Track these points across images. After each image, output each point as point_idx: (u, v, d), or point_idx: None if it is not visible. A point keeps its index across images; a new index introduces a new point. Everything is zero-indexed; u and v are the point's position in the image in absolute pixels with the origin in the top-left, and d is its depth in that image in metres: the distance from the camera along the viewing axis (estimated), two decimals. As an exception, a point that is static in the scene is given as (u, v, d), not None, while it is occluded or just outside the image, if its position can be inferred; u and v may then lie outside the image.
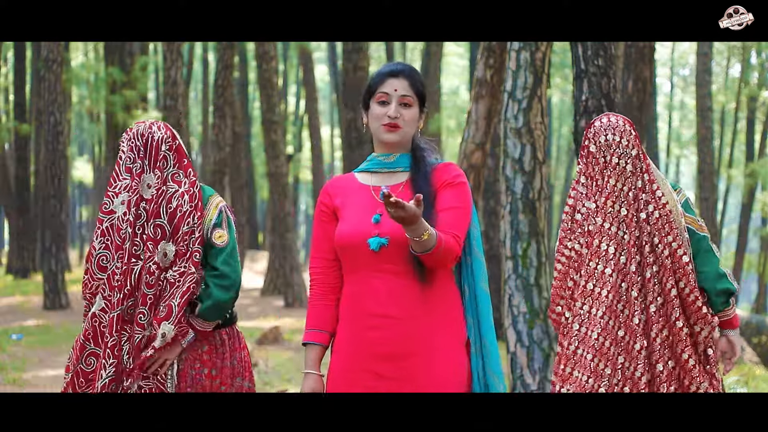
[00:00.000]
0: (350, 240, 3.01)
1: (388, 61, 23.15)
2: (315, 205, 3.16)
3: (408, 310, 2.97)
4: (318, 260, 3.13)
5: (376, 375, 2.97)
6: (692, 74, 33.66)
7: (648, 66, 11.23)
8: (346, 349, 3.03)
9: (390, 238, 2.96)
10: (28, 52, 21.77)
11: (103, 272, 3.32)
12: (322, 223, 3.13)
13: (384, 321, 2.97)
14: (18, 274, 21.31)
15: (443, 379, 2.98)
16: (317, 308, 3.11)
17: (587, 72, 5.67)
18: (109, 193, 3.37)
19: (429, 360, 2.97)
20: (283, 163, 16.61)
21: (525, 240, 6.50)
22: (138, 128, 3.43)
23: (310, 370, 3.07)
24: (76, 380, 3.31)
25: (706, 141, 21.98)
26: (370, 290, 2.99)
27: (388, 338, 2.96)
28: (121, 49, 18.34)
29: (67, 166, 16.08)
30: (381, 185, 3.08)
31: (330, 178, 3.19)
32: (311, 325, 3.08)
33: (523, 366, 6.39)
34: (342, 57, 14.62)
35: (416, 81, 3.07)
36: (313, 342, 3.08)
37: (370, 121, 3.09)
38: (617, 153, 3.36)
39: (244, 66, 26.17)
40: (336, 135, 34.53)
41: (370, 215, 3.03)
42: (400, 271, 2.98)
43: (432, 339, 2.98)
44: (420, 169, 3.07)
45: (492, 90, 8.91)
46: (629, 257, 3.32)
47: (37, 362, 9.32)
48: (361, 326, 3.00)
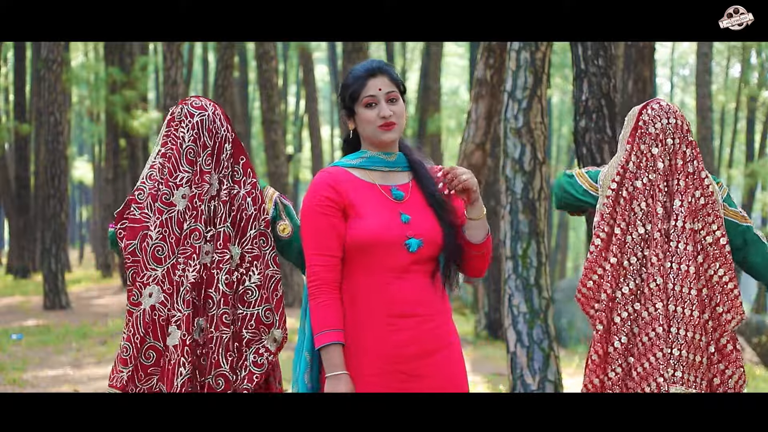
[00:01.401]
0: (381, 240, 2.95)
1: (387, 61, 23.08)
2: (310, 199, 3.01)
3: (432, 307, 3.02)
4: (322, 257, 2.98)
5: (408, 375, 2.96)
6: (692, 74, 33.68)
7: (648, 66, 11.24)
8: (371, 351, 2.95)
9: (424, 238, 2.99)
10: (28, 52, 21.79)
11: (159, 264, 3.19)
12: (329, 218, 2.97)
13: (413, 321, 2.97)
14: (18, 274, 21.33)
15: (460, 374, 3.07)
16: (329, 308, 2.96)
17: (587, 72, 5.67)
18: (169, 183, 3.23)
19: (450, 354, 3.04)
20: (283, 163, 16.61)
21: (525, 240, 6.49)
22: (202, 118, 3.26)
23: (341, 371, 2.92)
24: (136, 374, 3.19)
25: (706, 141, 21.98)
26: (392, 290, 2.96)
27: (417, 337, 2.97)
28: (121, 49, 18.34)
29: (67, 166, 16.07)
30: (389, 184, 3.06)
31: (320, 172, 3.07)
32: (331, 325, 2.94)
33: (523, 366, 6.39)
34: (342, 57, 14.63)
35: (393, 73, 3.07)
36: (337, 342, 2.93)
37: (361, 125, 3.04)
38: (675, 135, 3.39)
39: (244, 66, 26.17)
40: (336, 135, 34.54)
41: (393, 215, 3.00)
42: (425, 270, 3.02)
43: (449, 334, 3.06)
44: (421, 171, 3.10)
45: (492, 90, 8.92)
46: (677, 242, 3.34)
47: (37, 362, 9.31)
48: (386, 328, 2.95)
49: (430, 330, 2.99)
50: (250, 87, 29.00)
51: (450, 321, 3.09)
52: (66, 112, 16.08)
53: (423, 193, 3.06)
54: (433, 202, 3.05)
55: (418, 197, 3.06)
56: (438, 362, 3.00)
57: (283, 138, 17.73)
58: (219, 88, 16.21)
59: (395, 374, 2.95)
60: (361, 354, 2.96)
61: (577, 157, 5.80)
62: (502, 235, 6.63)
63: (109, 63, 18.64)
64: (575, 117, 5.84)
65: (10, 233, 22.87)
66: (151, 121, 18.96)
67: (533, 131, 6.55)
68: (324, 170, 3.08)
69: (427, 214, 3.04)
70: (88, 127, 30.17)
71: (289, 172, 18.18)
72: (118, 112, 17.93)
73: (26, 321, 13.37)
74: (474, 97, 9.43)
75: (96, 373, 8.65)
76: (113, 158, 19.85)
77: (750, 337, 12.82)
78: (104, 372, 8.53)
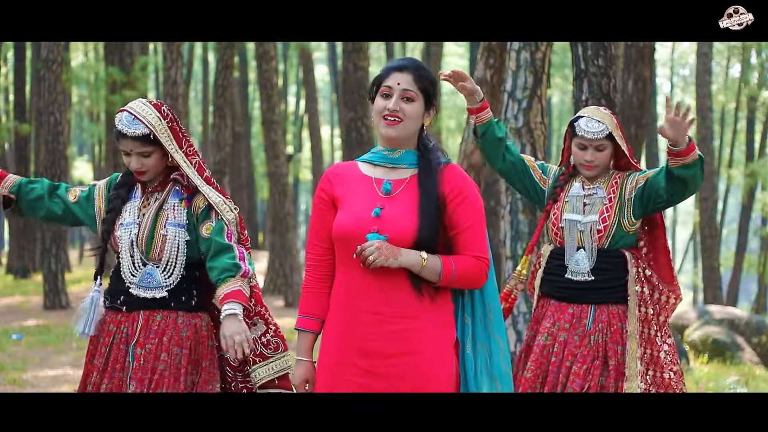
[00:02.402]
0: (348, 232, 2.98)
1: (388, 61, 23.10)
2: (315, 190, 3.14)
3: (399, 309, 2.96)
4: (314, 247, 3.09)
5: (364, 371, 2.96)
6: (692, 74, 33.64)
7: (648, 66, 11.23)
8: (336, 342, 3.01)
9: (389, 234, 2.95)
10: (28, 52, 21.77)
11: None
12: (321, 211, 3.09)
13: (374, 317, 2.96)
14: (18, 274, 21.30)
15: (432, 379, 2.96)
16: (311, 295, 3.09)
17: (587, 72, 5.68)
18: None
19: (418, 360, 2.95)
20: (283, 163, 16.60)
21: (525, 240, 6.49)
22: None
23: (302, 357, 3.09)
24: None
25: (706, 141, 21.98)
26: (363, 285, 2.97)
27: (377, 335, 2.95)
28: (121, 49, 18.32)
29: (67, 166, 16.06)
30: (384, 178, 3.05)
31: (332, 165, 3.18)
32: (304, 311, 3.09)
33: (523, 366, 6.39)
34: (342, 57, 14.63)
35: (422, 77, 3.03)
36: (305, 329, 3.09)
37: (373, 113, 3.06)
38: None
39: (244, 66, 26.17)
40: (336, 135, 34.52)
41: (371, 208, 2.99)
42: (394, 269, 2.95)
43: (421, 339, 2.96)
44: (427, 169, 3.04)
45: (492, 90, 8.91)
46: None
47: (37, 362, 9.31)
48: (351, 320, 2.99)
49: (392, 331, 2.95)
50: (250, 87, 28.99)
51: (431, 328, 2.98)
52: (66, 112, 16.08)
53: (419, 192, 3.01)
54: (422, 199, 2.99)
55: (409, 193, 3.02)
56: (401, 365, 2.94)
57: (283, 138, 17.73)
58: (219, 88, 16.21)
59: (353, 367, 2.97)
60: (328, 342, 3.04)
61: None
62: (502, 235, 6.63)
63: (109, 63, 18.63)
64: (575, 117, 5.83)
65: (10, 233, 22.85)
66: (151, 121, 18.93)
67: (533, 131, 6.55)
68: (335, 164, 3.19)
69: (408, 212, 2.98)
70: (88, 127, 30.14)
71: (289, 172, 18.17)
72: (118, 112, 17.92)
73: (26, 321, 13.36)
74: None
75: (96, 373, 8.64)
76: (113, 158, 19.81)
77: (750, 337, 12.81)
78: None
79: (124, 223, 3.43)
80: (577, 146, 4.07)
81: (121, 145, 3.39)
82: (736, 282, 23.66)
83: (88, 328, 3.44)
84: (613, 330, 3.95)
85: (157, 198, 3.46)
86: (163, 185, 3.47)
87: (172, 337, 3.38)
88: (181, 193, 3.45)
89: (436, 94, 3.09)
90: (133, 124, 3.36)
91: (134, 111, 3.38)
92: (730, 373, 9.62)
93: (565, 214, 4.06)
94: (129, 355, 3.39)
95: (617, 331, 3.95)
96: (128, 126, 3.36)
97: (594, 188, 4.06)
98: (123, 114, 3.39)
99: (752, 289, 30.49)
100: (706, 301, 21.60)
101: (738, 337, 12.19)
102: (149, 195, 3.47)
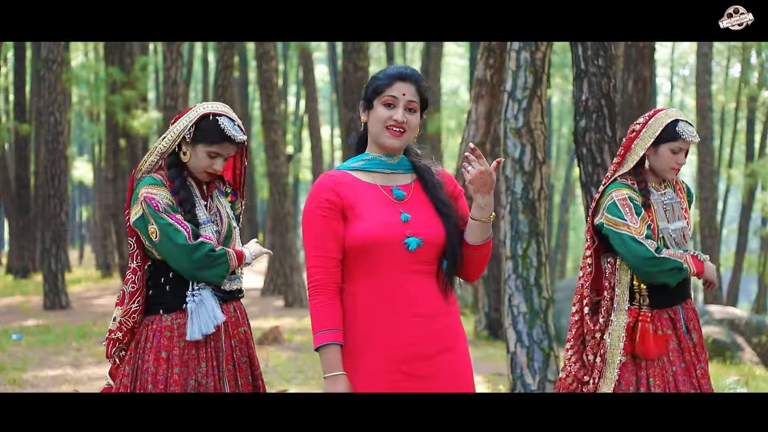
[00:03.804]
0: (379, 238, 2.95)
1: (387, 61, 23.14)
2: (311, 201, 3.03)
3: (436, 308, 3.01)
4: (321, 259, 2.98)
5: (407, 375, 2.95)
6: (692, 74, 33.66)
7: (648, 66, 11.24)
8: (371, 352, 2.95)
9: (424, 237, 2.99)
10: (28, 52, 21.79)
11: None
12: (328, 220, 2.98)
13: (416, 320, 2.97)
14: (18, 274, 21.32)
15: (466, 375, 3.04)
16: (330, 308, 2.96)
17: (587, 72, 5.68)
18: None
19: (455, 356, 3.02)
20: (283, 163, 16.60)
21: (525, 240, 6.49)
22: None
23: (338, 372, 2.93)
24: None
25: (706, 141, 21.99)
26: (399, 290, 2.97)
27: (420, 337, 2.97)
28: (121, 49, 18.34)
29: (67, 166, 16.07)
30: (390, 184, 3.07)
31: (322, 176, 3.09)
32: (329, 326, 2.94)
33: (523, 366, 6.39)
34: (342, 57, 14.62)
35: (422, 87, 3.06)
36: (335, 342, 2.93)
37: (372, 121, 3.04)
38: None
39: (244, 66, 26.17)
40: (336, 135, 34.54)
41: (393, 214, 3.00)
42: (428, 271, 3.02)
43: (455, 335, 3.04)
44: (429, 175, 3.10)
45: (492, 90, 8.92)
46: None
47: (37, 362, 9.31)
48: (389, 327, 2.95)
49: (432, 331, 2.98)
50: (250, 87, 29.00)
51: (456, 323, 3.07)
52: (66, 112, 16.08)
53: (427, 195, 3.06)
54: (438, 204, 3.04)
55: (420, 198, 3.06)
56: (440, 363, 2.98)
57: (283, 138, 17.73)
58: (219, 88, 16.20)
59: (396, 374, 2.94)
60: (362, 354, 2.95)
61: (577, 157, 5.80)
62: (502, 235, 6.63)
63: (109, 63, 18.64)
64: (575, 117, 5.84)
65: (10, 233, 22.87)
66: (151, 121, 18.97)
67: (533, 131, 6.55)
68: (325, 173, 3.09)
69: (429, 214, 3.03)
70: (88, 127, 30.17)
71: (289, 172, 18.17)
72: (118, 112, 17.93)
73: (26, 321, 13.37)
74: (474, 97, 9.43)
75: (96, 373, 8.64)
76: (113, 158, 19.85)
77: (750, 337, 12.81)
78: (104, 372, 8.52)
79: (201, 222, 3.44)
80: (674, 150, 3.92)
81: (217, 148, 3.39)
82: (736, 282, 23.68)
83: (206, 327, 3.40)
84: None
85: (216, 196, 3.53)
86: (214, 184, 3.56)
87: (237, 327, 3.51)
88: (222, 190, 3.57)
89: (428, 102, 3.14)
90: (239, 130, 3.42)
91: (233, 117, 3.45)
92: (730, 373, 9.61)
93: (659, 222, 3.91)
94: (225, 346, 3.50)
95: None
96: (236, 132, 3.40)
97: (663, 192, 3.96)
98: (223, 119, 3.40)
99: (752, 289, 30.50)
100: (706, 301, 21.60)
101: (738, 337, 12.20)
102: (209, 194, 3.52)
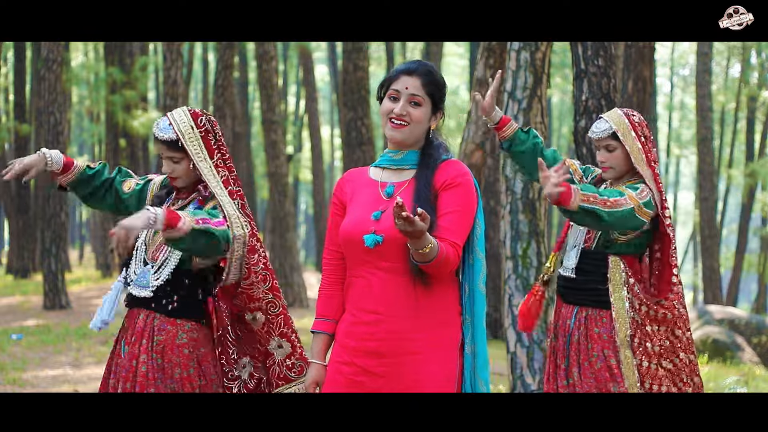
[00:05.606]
0: (349, 235, 3.05)
1: (388, 61, 23.15)
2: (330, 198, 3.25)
3: (398, 309, 2.98)
4: (329, 251, 3.18)
5: (363, 370, 3.00)
6: (692, 74, 33.64)
7: (648, 66, 11.23)
8: (341, 341, 3.09)
9: (386, 235, 2.97)
10: (28, 52, 21.78)
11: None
12: (335, 216, 3.17)
13: (373, 317, 3.00)
14: (18, 274, 21.31)
15: (431, 380, 2.96)
16: (326, 297, 3.17)
17: (587, 72, 5.68)
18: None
19: (416, 360, 2.96)
20: (283, 163, 16.60)
21: (525, 240, 6.49)
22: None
23: (314, 359, 3.17)
24: None
25: (706, 141, 22.00)
26: (364, 285, 3.03)
27: (375, 335, 2.99)
28: (121, 49, 18.34)
29: (67, 166, 16.03)
30: (388, 181, 3.10)
31: (346, 173, 3.25)
32: (319, 314, 3.17)
33: (523, 366, 6.38)
34: (342, 57, 14.62)
35: (430, 81, 3.06)
36: (319, 331, 3.16)
37: (381, 115, 3.12)
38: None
39: (244, 66, 26.17)
40: (336, 135, 34.53)
41: (372, 211, 3.04)
42: (395, 269, 2.99)
43: (420, 339, 2.97)
44: (424, 169, 3.07)
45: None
46: None
47: (37, 362, 9.31)
48: (354, 320, 3.05)
49: (389, 332, 2.97)
50: (250, 87, 29.00)
51: (429, 330, 2.98)
52: (66, 112, 16.06)
53: (414, 191, 3.05)
54: (415, 201, 3.01)
55: (408, 194, 3.05)
56: (398, 365, 2.96)
57: (283, 138, 17.72)
58: (219, 88, 16.20)
59: (351, 366, 3.02)
60: (337, 341, 3.12)
61: (577, 157, 5.80)
62: (502, 235, 6.63)
63: (109, 63, 18.64)
64: (575, 117, 5.83)
65: (10, 233, 22.86)
66: (151, 121, 18.95)
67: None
68: (350, 169, 3.28)
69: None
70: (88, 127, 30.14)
71: (289, 172, 18.17)
72: (118, 112, 17.92)
73: (26, 321, 13.36)
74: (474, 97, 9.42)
75: (96, 373, 8.64)
76: (113, 158, 19.84)
77: (750, 337, 12.82)
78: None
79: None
80: (594, 147, 4.07)
81: (158, 149, 3.45)
82: (736, 282, 23.67)
83: (108, 315, 3.46)
84: (590, 334, 3.93)
85: (179, 204, 3.49)
86: (189, 194, 3.52)
87: (149, 338, 3.40)
88: (198, 203, 3.47)
89: (443, 98, 3.12)
90: (165, 128, 3.42)
91: (171, 116, 3.45)
92: (730, 373, 9.62)
93: None
94: (122, 351, 3.45)
95: (594, 336, 3.92)
96: (160, 129, 3.43)
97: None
98: (162, 118, 3.47)
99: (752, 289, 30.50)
100: (706, 301, 21.63)
101: (738, 337, 12.20)
102: (175, 201, 3.51)
